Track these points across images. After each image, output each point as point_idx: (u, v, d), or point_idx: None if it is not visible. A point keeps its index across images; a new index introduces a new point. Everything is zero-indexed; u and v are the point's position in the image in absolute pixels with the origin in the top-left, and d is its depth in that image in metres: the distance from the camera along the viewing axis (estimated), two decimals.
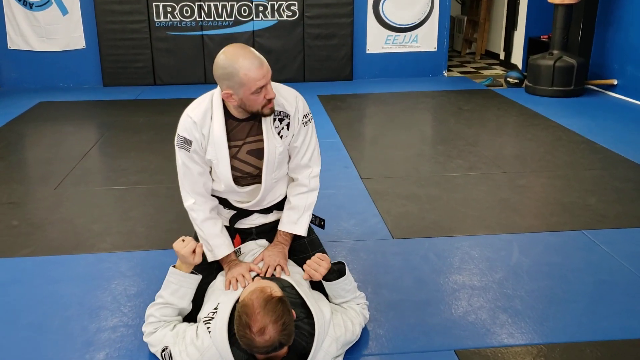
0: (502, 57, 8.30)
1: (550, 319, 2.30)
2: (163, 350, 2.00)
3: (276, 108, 2.17)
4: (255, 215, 2.41)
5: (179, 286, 2.11)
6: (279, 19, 6.95)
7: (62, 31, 6.88)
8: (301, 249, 2.42)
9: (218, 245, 2.27)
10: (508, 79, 6.84)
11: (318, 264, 2.10)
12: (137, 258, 2.83)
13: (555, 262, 2.75)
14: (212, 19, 6.91)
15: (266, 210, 2.42)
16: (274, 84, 2.19)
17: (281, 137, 2.23)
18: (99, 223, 3.24)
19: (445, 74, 7.44)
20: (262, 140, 2.21)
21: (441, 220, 3.22)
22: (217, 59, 2.10)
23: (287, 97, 2.24)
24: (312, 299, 2.05)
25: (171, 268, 2.14)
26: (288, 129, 2.23)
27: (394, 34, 7.19)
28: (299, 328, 1.92)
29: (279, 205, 2.44)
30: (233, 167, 2.23)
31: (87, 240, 3.05)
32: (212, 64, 2.14)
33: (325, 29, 7.02)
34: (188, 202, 2.27)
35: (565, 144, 4.58)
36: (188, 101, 2.32)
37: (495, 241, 2.97)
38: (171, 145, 2.32)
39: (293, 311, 1.86)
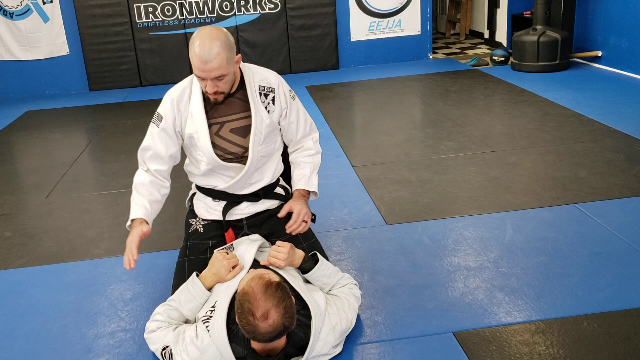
0: (486, 35, 8.29)
1: (547, 295, 2.32)
2: (164, 349, 2.00)
3: (260, 83, 2.25)
4: (245, 204, 2.40)
5: (193, 298, 2.10)
6: (262, 12, 6.92)
7: (44, 39, 6.84)
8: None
9: (138, 205, 2.24)
10: (493, 58, 6.83)
11: (277, 251, 2.13)
12: None
13: (548, 237, 2.76)
14: (194, 16, 6.87)
15: (254, 197, 2.40)
16: (253, 66, 2.29)
17: (268, 111, 2.27)
18: (92, 229, 3.24)
19: (431, 57, 7.43)
20: (245, 117, 2.25)
21: (433, 203, 3.23)
22: None
23: (268, 74, 2.31)
24: (307, 291, 2.05)
25: (195, 277, 2.12)
26: (274, 103, 2.28)
27: (377, 20, 7.17)
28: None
29: (268, 192, 2.44)
30: (216, 146, 2.24)
31: (81, 247, 3.04)
32: None
33: (308, 20, 6.99)
34: (139, 170, 2.32)
35: (554, 118, 4.59)
36: None
37: (489, 220, 2.97)
38: None
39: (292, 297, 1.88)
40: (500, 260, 2.60)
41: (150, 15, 6.81)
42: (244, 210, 2.41)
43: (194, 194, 2.50)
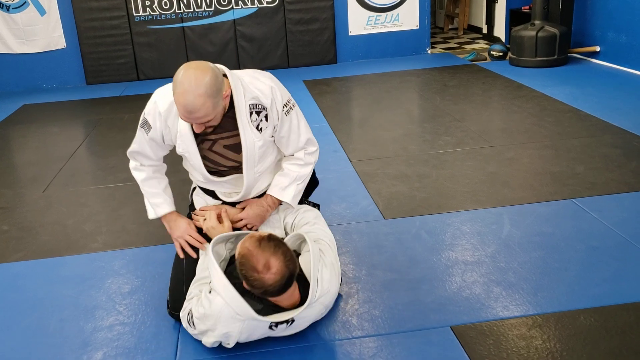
0: (484, 30, 8.28)
1: (544, 289, 2.32)
2: (188, 314, 2.03)
3: (251, 101, 2.12)
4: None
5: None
6: (259, 6, 6.90)
7: (41, 32, 6.81)
8: None
9: (158, 204, 2.30)
10: (492, 52, 6.83)
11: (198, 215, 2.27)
12: (129, 255, 2.83)
13: (546, 232, 2.77)
14: (192, 9, 6.85)
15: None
16: (248, 71, 2.20)
17: (260, 129, 2.16)
18: (90, 223, 3.23)
19: (429, 51, 7.42)
20: (237, 135, 2.16)
21: (431, 198, 3.23)
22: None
23: (262, 89, 2.15)
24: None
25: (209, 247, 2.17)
26: (267, 120, 2.17)
27: (375, 14, 7.15)
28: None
29: (262, 195, 2.41)
30: (210, 160, 2.22)
31: (79, 240, 3.04)
32: (194, 55, 2.19)
33: (306, 14, 6.97)
34: (132, 164, 2.31)
35: (551, 113, 4.59)
36: None
37: (486, 215, 2.98)
38: None
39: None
40: (497, 254, 2.60)
41: (148, 8, 6.78)
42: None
43: (194, 188, 2.49)
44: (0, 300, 2.52)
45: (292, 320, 1.97)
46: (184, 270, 2.25)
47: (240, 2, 6.87)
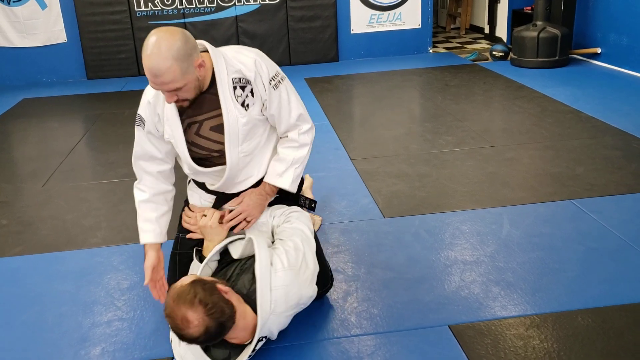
0: (486, 30, 8.27)
1: (542, 290, 2.33)
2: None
3: (234, 75, 2.01)
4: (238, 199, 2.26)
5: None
6: (262, 2, 6.89)
7: (42, 26, 6.79)
8: None
9: (146, 230, 2.17)
10: (493, 53, 6.82)
11: (188, 215, 2.18)
12: (128, 251, 2.83)
13: (545, 232, 2.77)
14: (194, 5, 6.84)
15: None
16: (232, 47, 2.10)
17: (247, 105, 2.04)
18: (89, 218, 3.23)
19: (431, 51, 7.42)
20: (222, 114, 2.05)
21: (431, 197, 3.23)
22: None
23: (246, 62, 2.03)
24: (265, 258, 1.96)
25: (196, 262, 2.14)
26: (253, 95, 2.05)
27: (378, 12, 7.15)
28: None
29: (257, 184, 2.26)
30: (197, 146, 2.10)
31: (78, 235, 3.04)
32: None
33: (308, 11, 6.96)
34: (137, 182, 2.21)
35: (552, 114, 4.59)
36: None
37: (486, 215, 2.98)
38: None
39: (221, 285, 1.82)
40: (496, 254, 2.61)
41: (150, 3, 6.77)
42: (234, 203, 2.26)
43: (189, 181, 2.41)
44: None
45: (266, 339, 1.93)
46: (176, 271, 2.25)
47: None
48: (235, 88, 2.01)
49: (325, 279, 2.26)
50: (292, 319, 2.10)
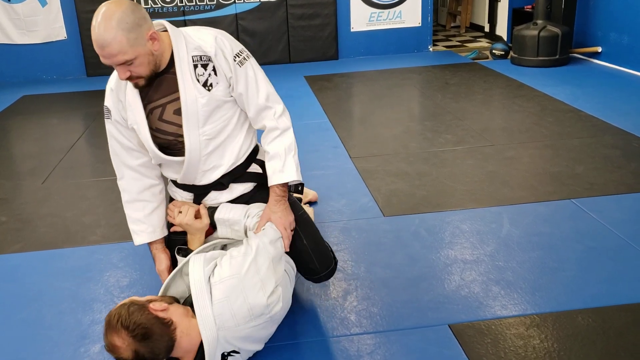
0: (486, 29, 8.27)
1: (542, 289, 2.33)
2: None
3: (194, 52, 1.92)
4: (213, 194, 2.15)
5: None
6: (262, 0, 6.87)
7: (42, 23, 6.78)
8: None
9: (136, 232, 2.12)
10: (493, 51, 6.82)
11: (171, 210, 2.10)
12: (127, 249, 2.82)
13: (545, 231, 2.77)
14: (194, 3, 6.83)
15: (220, 187, 2.14)
16: (193, 27, 2.01)
17: (210, 85, 1.94)
18: (89, 215, 3.23)
19: (431, 49, 7.41)
20: None
21: (431, 196, 3.23)
22: None
23: (205, 38, 1.94)
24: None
25: (179, 259, 2.09)
26: (216, 74, 1.94)
27: (378, 10, 7.14)
28: None
29: (237, 177, 2.14)
30: (162, 132, 2.01)
31: (77, 233, 3.03)
32: None
33: (308, 9, 6.95)
34: (119, 179, 2.13)
35: (552, 113, 4.59)
36: None
37: (486, 214, 2.98)
38: None
39: (155, 304, 1.78)
40: (496, 253, 2.60)
41: (150, 1, 6.76)
42: (215, 200, 2.16)
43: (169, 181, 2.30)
44: None
45: (238, 354, 1.86)
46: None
47: None
48: (196, 67, 1.92)
49: (327, 260, 2.17)
50: (292, 317, 2.10)
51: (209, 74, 1.94)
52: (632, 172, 3.38)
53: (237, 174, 2.14)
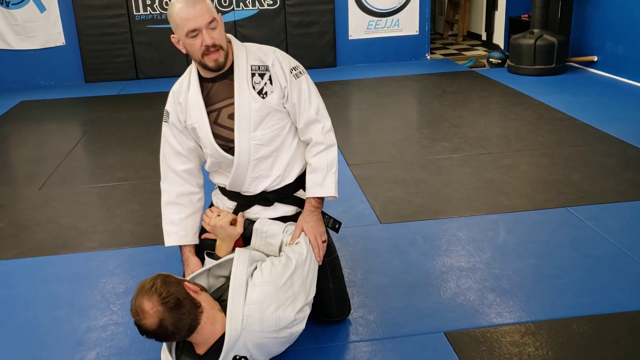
0: (484, 37, 8.31)
1: (538, 297, 2.33)
2: None
3: (253, 62, 2.04)
4: (257, 208, 2.17)
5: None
6: (260, 8, 6.90)
7: (40, 28, 6.80)
8: None
9: (169, 233, 2.15)
10: (490, 60, 6.85)
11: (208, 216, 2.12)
12: (124, 255, 2.82)
13: (541, 239, 2.78)
14: None
15: (265, 202, 2.16)
16: (254, 45, 2.10)
17: (265, 93, 2.03)
18: (85, 221, 3.23)
19: (428, 57, 7.44)
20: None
21: (428, 204, 3.24)
22: None
23: (265, 50, 2.08)
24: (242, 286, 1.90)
25: (208, 260, 2.11)
26: (272, 83, 2.04)
27: (376, 19, 7.17)
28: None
29: (283, 196, 2.17)
30: (217, 136, 2.07)
31: (74, 239, 3.03)
32: None
33: (306, 17, 6.98)
34: (162, 181, 2.19)
35: (548, 121, 4.61)
36: None
37: (482, 222, 2.99)
38: (157, 140, 2.25)
39: (189, 284, 1.83)
40: (492, 261, 2.61)
41: (148, 7, 6.79)
42: (257, 214, 2.18)
43: (215, 187, 2.34)
44: None
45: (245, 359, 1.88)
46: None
47: (241, 4, 6.88)
48: (253, 75, 2.03)
49: (344, 308, 2.22)
50: None
51: (265, 83, 2.03)
52: (627, 181, 3.40)
53: (284, 194, 2.17)
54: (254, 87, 2.02)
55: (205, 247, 2.19)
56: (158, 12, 6.80)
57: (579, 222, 2.94)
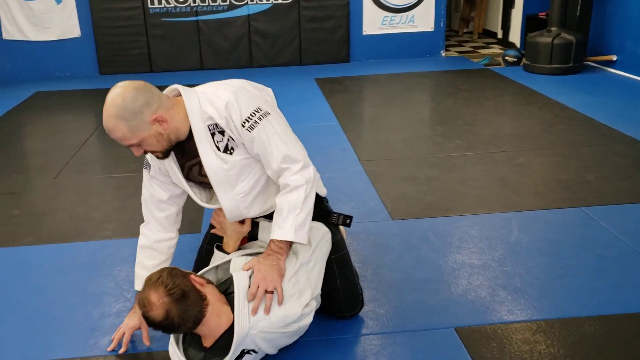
0: (499, 35, 8.26)
1: (549, 295, 2.33)
2: None
3: (209, 122, 1.90)
4: (264, 219, 2.21)
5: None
6: (274, 2, 6.91)
7: (56, 20, 6.84)
8: None
9: (140, 277, 2.12)
10: (506, 58, 6.81)
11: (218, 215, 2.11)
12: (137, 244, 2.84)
13: (553, 239, 2.77)
14: (207, 3, 6.86)
15: (267, 217, 2.18)
16: (208, 86, 1.99)
17: (231, 149, 1.93)
18: (99, 211, 3.26)
19: (443, 54, 7.41)
20: None
21: (440, 201, 3.24)
22: None
23: (218, 105, 1.89)
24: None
25: (217, 252, 2.14)
26: (234, 139, 1.92)
27: (391, 14, 7.15)
28: None
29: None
30: (201, 183, 2.09)
31: (88, 228, 3.06)
32: (208, 49, 2.08)
33: (320, 11, 6.98)
34: (144, 224, 2.18)
35: (564, 121, 4.58)
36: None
37: (494, 220, 2.98)
38: None
39: (196, 277, 1.86)
40: (504, 259, 2.61)
41: (163, 1, 6.81)
42: (265, 220, 2.21)
43: None
44: (9, 284, 2.55)
45: (255, 353, 1.89)
46: (199, 267, 2.26)
47: None
48: (213, 134, 1.91)
49: (354, 304, 2.23)
50: None
51: (228, 139, 1.92)
52: None
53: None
54: (218, 148, 1.92)
55: (214, 240, 2.23)
56: (173, 5, 6.82)
57: (592, 221, 2.92)
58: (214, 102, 1.89)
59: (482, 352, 2.01)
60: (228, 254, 2.13)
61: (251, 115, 1.89)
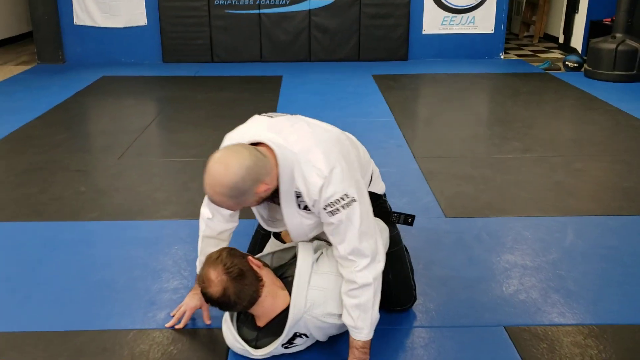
0: (561, 40, 8.07)
1: (604, 301, 2.29)
2: None
3: (296, 189, 1.82)
4: None
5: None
6: None
7: (124, 8, 7.09)
8: None
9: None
10: (567, 63, 6.66)
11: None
12: (195, 226, 2.83)
13: (611, 245, 2.72)
14: None
15: None
16: (302, 138, 1.85)
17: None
18: (160, 192, 3.38)
19: (502, 57, 7.31)
20: None
21: (495, 201, 3.22)
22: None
23: (310, 185, 1.78)
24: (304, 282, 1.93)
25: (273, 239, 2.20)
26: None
27: (451, 15, 7.10)
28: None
29: None
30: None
31: (150, 207, 3.19)
32: (268, 42, 2.10)
33: (381, 9, 6.99)
34: (205, 214, 2.13)
35: (625, 129, 4.46)
36: (244, 78, 2.35)
37: (550, 223, 2.95)
38: (228, 122, 2.30)
39: (253, 258, 1.92)
40: (558, 262, 2.58)
41: None
42: None
43: None
44: (75, 253, 2.69)
45: (306, 337, 1.94)
46: (255, 250, 2.33)
47: None
48: (298, 196, 1.85)
49: (405, 299, 2.25)
50: None
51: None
52: None
53: None
54: (299, 205, 1.87)
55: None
56: None
57: None
58: (307, 179, 1.79)
59: (531, 352, 2.01)
60: (284, 243, 2.20)
61: (337, 201, 1.80)
